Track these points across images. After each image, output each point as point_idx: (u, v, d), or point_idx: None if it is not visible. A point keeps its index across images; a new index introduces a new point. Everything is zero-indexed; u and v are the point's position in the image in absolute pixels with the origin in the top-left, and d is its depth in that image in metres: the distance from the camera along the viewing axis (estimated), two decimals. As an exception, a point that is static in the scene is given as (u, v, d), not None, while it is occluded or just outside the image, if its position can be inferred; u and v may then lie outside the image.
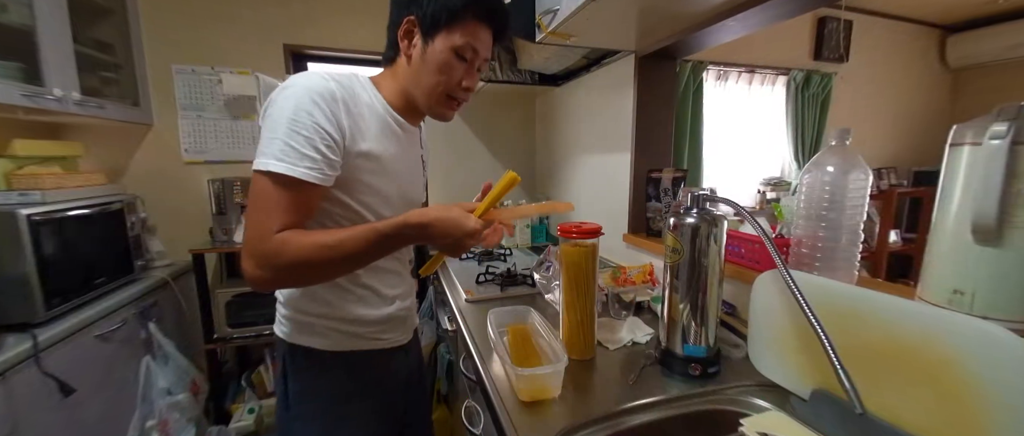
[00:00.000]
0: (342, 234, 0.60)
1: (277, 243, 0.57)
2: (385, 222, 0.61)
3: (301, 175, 0.58)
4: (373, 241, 0.60)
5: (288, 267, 0.57)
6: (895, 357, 0.55)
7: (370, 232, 0.60)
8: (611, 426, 0.66)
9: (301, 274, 0.60)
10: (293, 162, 0.58)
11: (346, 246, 0.59)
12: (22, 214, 1.10)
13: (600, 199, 1.66)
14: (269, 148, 0.58)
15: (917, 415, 0.53)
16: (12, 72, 1.20)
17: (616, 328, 0.95)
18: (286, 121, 0.58)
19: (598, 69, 1.61)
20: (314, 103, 0.59)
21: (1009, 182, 0.49)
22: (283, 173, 0.57)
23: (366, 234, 0.60)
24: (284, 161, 0.57)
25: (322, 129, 0.59)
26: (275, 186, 0.58)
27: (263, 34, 1.85)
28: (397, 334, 0.83)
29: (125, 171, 1.78)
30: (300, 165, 0.58)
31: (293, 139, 0.58)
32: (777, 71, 2.67)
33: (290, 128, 0.58)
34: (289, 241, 0.57)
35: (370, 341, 0.78)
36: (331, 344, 0.74)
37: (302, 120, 0.58)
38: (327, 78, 0.63)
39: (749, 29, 1.02)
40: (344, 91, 0.64)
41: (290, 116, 0.58)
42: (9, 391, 0.97)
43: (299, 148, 0.58)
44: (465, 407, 0.90)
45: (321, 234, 0.60)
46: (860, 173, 0.69)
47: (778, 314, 0.70)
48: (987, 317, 0.51)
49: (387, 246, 0.62)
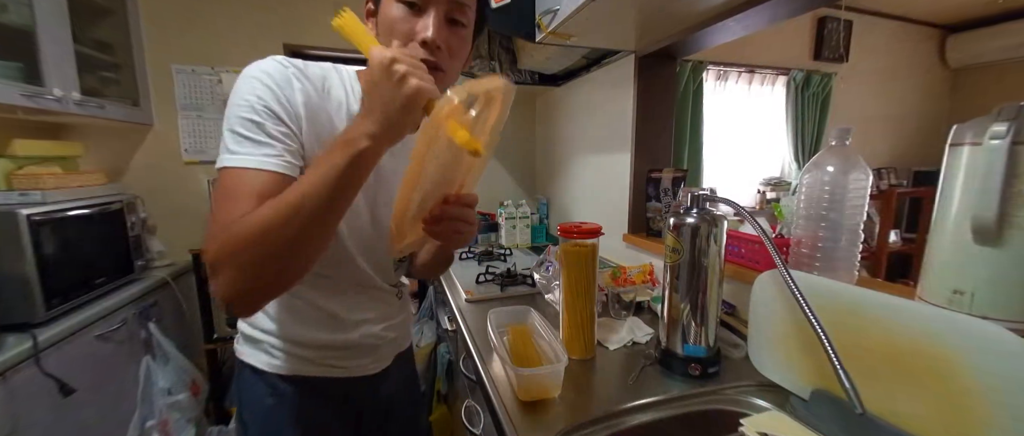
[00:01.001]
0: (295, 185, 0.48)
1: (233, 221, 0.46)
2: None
3: (258, 163, 0.50)
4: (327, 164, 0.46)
5: (245, 240, 0.45)
6: (895, 357, 0.55)
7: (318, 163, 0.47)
8: (611, 426, 0.66)
9: (262, 247, 0.45)
10: (248, 151, 0.50)
11: (303, 186, 0.46)
12: (22, 214, 1.10)
13: (600, 199, 1.66)
14: (223, 144, 0.52)
15: (917, 415, 0.53)
16: (12, 72, 1.20)
17: (616, 328, 0.95)
18: (234, 109, 0.51)
19: (598, 69, 1.61)
20: (264, 85, 0.52)
21: (1009, 182, 0.49)
22: (237, 167, 0.49)
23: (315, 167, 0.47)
24: (238, 153, 0.50)
25: (272, 112, 0.52)
26: (234, 181, 0.49)
27: (263, 34, 1.85)
28: (364, 361, 0.72)
29: (125, 171, 1.78)
30: (256, 153, 0.50)
31: (243, 127, 0.51)
32: (777, 71, 2.68)
33: (239, 115, 0.51)
34: (245, 216, 0.46)
35: (324, 368, 0.68)
36: (277, 365, 0.66)
37: (252, 103, 0.51)
38: (286, 63, 0.55)
39: (749, 29, 1.02)
40: (308, 83, 0.56)
41: (237, 102, 0.52)
42: (9, 391, 0.97)
43: (251, 136, 0.50)
44: (465, 407, 0.90)
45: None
46: (860, 173, 0.69)
47: (778, 314, 0.70)
48: (987, 317, 0.51)
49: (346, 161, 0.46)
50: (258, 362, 0.66)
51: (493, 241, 1.98)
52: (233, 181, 0.50)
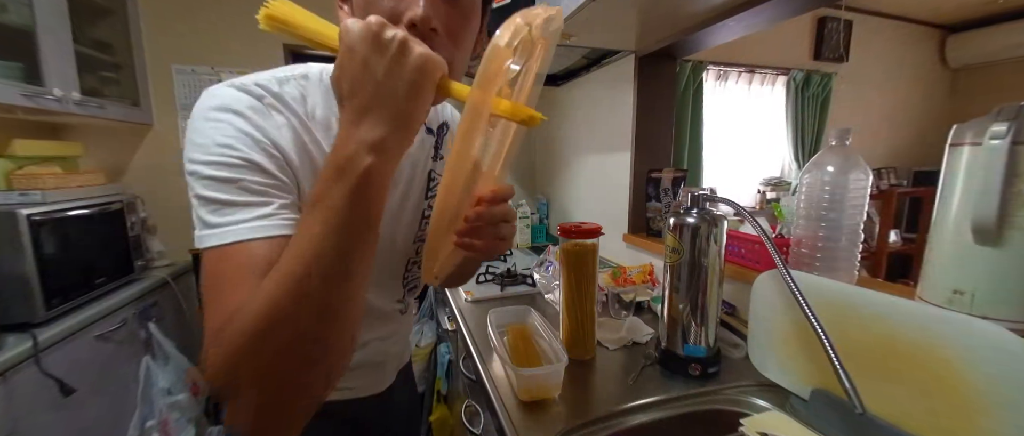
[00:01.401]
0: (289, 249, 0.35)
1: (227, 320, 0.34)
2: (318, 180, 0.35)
3: (250, 233, 0.37)
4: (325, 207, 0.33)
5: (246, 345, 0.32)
6: (895, 357, 0.55)
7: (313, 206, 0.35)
8: (611, 426, 0.66)
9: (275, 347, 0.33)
10: (231, 220, 0.38)
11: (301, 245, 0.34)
12: (22, 214, 1.10)
13: (600, 199, 1.66)
14: (195, 216, 0.40)
15: (917, 415, 0.53)
16: (12, 72, 1.20)
17: (616, 328, 0.95)
18: (198, 167, 0.39)
19: (598, 69, 1.61)
20: (233, 128, 0.40)
21: (1009, 182, 0.49)
22: (221, 245, 0.37)
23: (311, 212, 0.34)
24: (218, 226, 0.38)
25: (250, 163, 0.39)
26: (220, 263, 0.37)
27: (263, 34, 1.84)
28: (370, 380, 0.66)
29: (125, 171, 1.78)
30: (243, 219, 0.38)
31: (216, 190, 0.38)
32: (777, 71, 2.68)
33: (206, 176, 0.38)
34: (241, 306, 0.33)
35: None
36: None
37: (220, 157, 0.39)
38: (257, 91, 0.43)
39: (749, 29, 1.02)
40: (289, 112, 0.44)
41: (199, 158, 0.39)
42: (9, 391, 0.97)
43: (230, 198, 0.38)
44: (465, 407, 0.90)
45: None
46: (860, 173, 0.69)
47: (778, 314, 0.70)
48: (987, 317, 0.51)
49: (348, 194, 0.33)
50: None
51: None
52: (220, 264, 0.37)
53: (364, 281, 0.37)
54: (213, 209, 0.38)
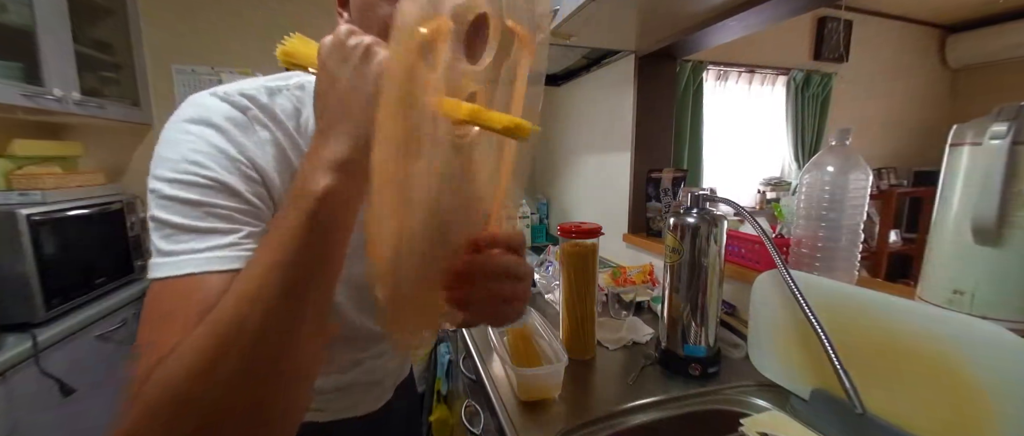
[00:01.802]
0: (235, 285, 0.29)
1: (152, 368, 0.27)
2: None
3: (203, 265, 0.32)
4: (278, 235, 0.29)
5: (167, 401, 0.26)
6: (895, 357, 0.55)
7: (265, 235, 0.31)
8: (611, 426, 0.66)
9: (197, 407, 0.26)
10: (186, 248, 0.33)
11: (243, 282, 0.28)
12: (22, 214, 1.10)
13: (600, 199, 1.66)
14: (152, 238, 0.34)
15: (917, 415, 0.53)
16: (12, 72, 1.20)
17: (616, 328, 0.95)
18: (159, 185, 0.35)
19: (598, 69, 1.61)
20: (207, 143, 0.35)
21: (1009, 182, 0.49)
22: (169, 276, 0.32)
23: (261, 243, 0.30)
24: (171, 255, 0.33)
25: (221, 184, 0.34)
26: (164, 298, 0.32)
27: (263, 34, 1.85)
28: (366, 398, 0.61)
29: (125, 171, 1.78)
30: (200, 248, 0.33)
31: (175, 213, 0.33)
32: (777, 71, 2.68)
33: (165, 194, 0.34)
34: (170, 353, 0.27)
35: (319, 413, 0.56)
36: None
37: (185, 175, 0.34)
38: (243, 103, 0.38)
39: (749, 29, 1.02)
40: (276, 127, 0.39)
41: (163, 175, 0.35)
42: (9, 391, 0.97)
43: (190, 223, 0.33)
44: (465, 407, 0.90)
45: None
46: (860, 173, 0.69)
47: (778, 314, 0.70)
48: (987, 317, 0.51)
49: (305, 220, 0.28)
50: None
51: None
52: (162, 297, 0.32)
53: (319, 326, 0.30)
54: (168, 234, 0.33)
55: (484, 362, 0.84)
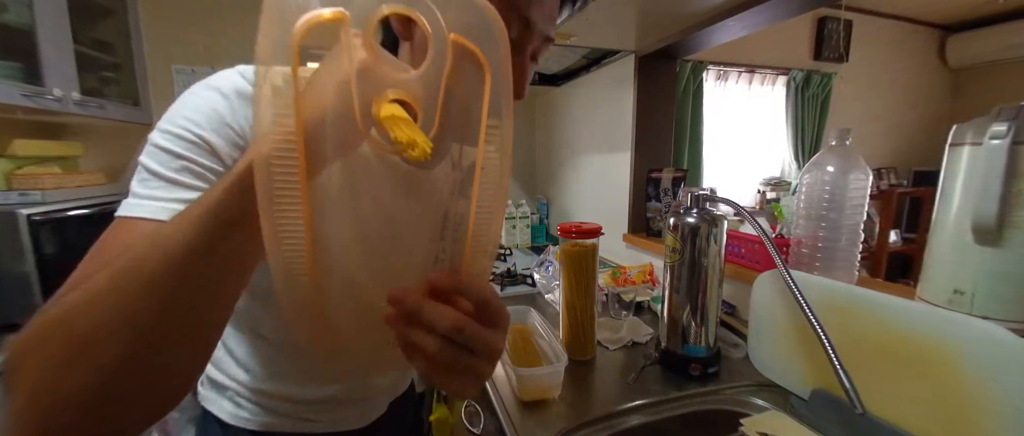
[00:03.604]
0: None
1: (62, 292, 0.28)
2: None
3: (159, 212, 0.33)
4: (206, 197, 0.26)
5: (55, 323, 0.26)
6: (895, 357, 0.55)
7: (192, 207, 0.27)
8: (611, 426, 0.66)
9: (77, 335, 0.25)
10: (152, 194, 0.34)
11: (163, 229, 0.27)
12: (22, 214, 1.10)
13: (600, 199, 1.66)
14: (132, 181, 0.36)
15: (917, 415, 0.53)
16: (12, 72, 1.20)
17: (616, 328, 0.95)
18: (154, 134, 0.37)
19: (598, 69, 1.61)
20: (206, 105, 0.37)
21: (1009, 182, 0.49)
22: (130, 216, 0.33)
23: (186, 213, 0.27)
24: (138, 196, 0.34)
25: (204, 142, 0.36)
26: (113, 235, 0.33)
27: (263, 34, 1.85)
28: (351, 413, 0.59)
29: (125, 171, 1.78)
30: (164, 197, 0.34)
31: (156, 160, 0.36)
32: (777, 71, 2.68)
33: (155, 143, 0.36)
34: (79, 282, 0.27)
35: (301, 422, 0.55)
36: (245, 419, 0.53)
37: (177, 129, 0.36)
38: (245, 74, 0.40)
39: (749, 29, 1.02)
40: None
41: (160, 126, 0.37)
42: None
43: (164, 172, 0.35)
44: (465, 407, 0.90)
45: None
46: (860, 173, 0.69)
47: (778, 314, 0.70)
48: (987, 317, 0.51)
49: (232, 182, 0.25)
50: (221, 412, 0.54)
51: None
52: (106, 236, 0.32)
53: (223, 298, 0.29)
54: (143, 178, 0.35)
55: (484, 362, 0.83)
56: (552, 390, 0.70)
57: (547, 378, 0.69)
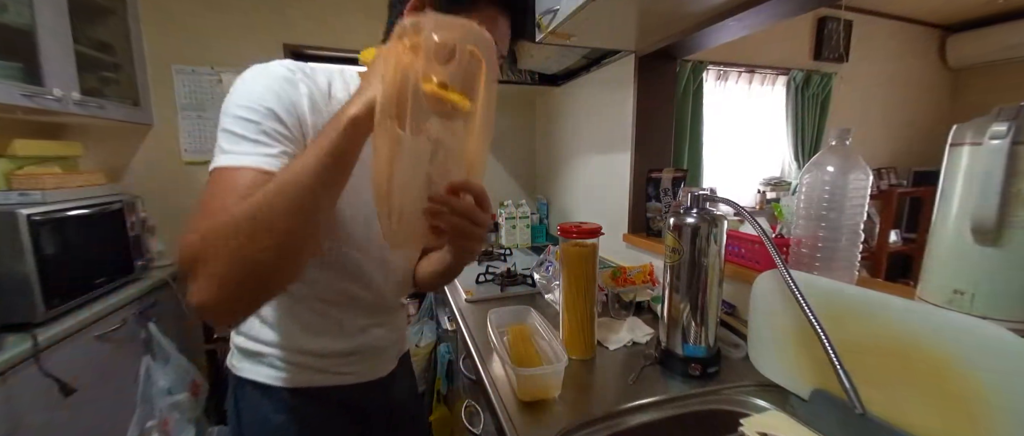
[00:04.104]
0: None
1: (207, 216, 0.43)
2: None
3: (254, 162, 0.47)
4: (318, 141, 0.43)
5: (228, 230, 0.40)
6: (895, 357, 0.55)
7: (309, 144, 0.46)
8: (611, 426, 0.66)
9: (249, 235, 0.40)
10: (242, 150, 0.47)
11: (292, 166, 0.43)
12: (22, 214, 1.10)
13: (600, 199, 1.66)
14: (217, 146, 0.49)
15: (917, 415, 0.53)
16: (12, 72, 1.20)
17: (616, 328, 0.95)
18: (230, 108, 0.49)
19: (598, 69, 1.61)
20: (264, 86, 0.51)
21: (1009, 182, 0.49)
22: (229, 166, 0.46)
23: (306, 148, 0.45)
24: (231, 152, 0.47)
25: (271, 111, 0.50)
26: (223, 180, 0.46)
27: (263, 34, 1.85)
28: (366, 367, 0.71)
29: (125, 171, 1.78)
30: (252, 152, 0.47)
31: (238, 126, 0.48)
32: (777, 71, 2.68)
33: (234, 114, 0.49)
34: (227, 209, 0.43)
35: (333, 375, 0.67)
36: (283, 379, 0.63)
37: (248, 102, 0.49)
38: (292, 67, 0.54)
39: (749, 29, 1.02)
40: (313, 85, 0.55)
41: (234, 101, 0.49)
42: (9, 391, 0.97)
43: (247, 134, 0.48)
44: (465, 407, 0.90)
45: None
46: (860, 173, 0.69)
47: (778, 314, 0.70)
48: (987, 317, 0.51)
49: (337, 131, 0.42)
50: (261, 377, 0.63)
51: (493, 241, 1.98)
52: (223, 180, 0.46)
53: (328, 205, 0.47)
54: (231, 140, 0.48)
55: (484, 362, 0.84)
56: (552, 390, 0.70)
57: (547, 378, 0.69)
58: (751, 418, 0.63)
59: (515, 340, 0.85)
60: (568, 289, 0.83)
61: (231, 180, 0.45)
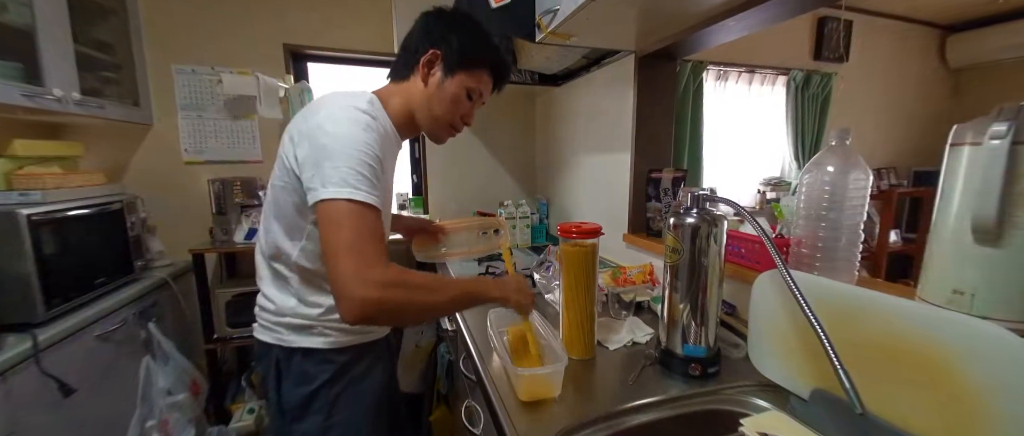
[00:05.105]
0: (439, 277, 0.72)
1: (397, 270, 0.61)
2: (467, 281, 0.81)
3: (377, 203, 0.63)
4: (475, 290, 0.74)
5: (406, 306, 0.62)
6: (895, 357, 0.55)
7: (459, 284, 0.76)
8: (611, 426, 0.66)
9: (413, 313, 0.69)
10: (370, 191, 0.62)
11: (444, 287, 0.69)
12: (22, 214, 1.10)
13: (600, 199, 1.66)
14: (346, 176, 0.61)
15: (917, 415, 0.53)
16: (12, 72, 1.20)
17: (616, 328, 0.95)
18: (351, 149, 0.63)
19: (598, 69, 1.61)
20: (376, 136, 0.67)
21: (1009, 182, 0.49)
22: (367, 202, 0.61)
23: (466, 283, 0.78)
24: (362, 189, 0.61)
25: (377, 158, 0.65)
26: (365, 214, 0.61)
27: (263, 34, 1.85)
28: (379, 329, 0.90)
29: (125, 171, 1.78)
30: (375, 193, 0.63)
31: (365, 169, 0.63)
32: (777, 71, 2.67)
33: (358, 157, 0.63)
34: (405, 270, 0.63)
35: (362, 335, 0.83)
36: (330, 342, 0.78)
37: (369, 151, 0.64)
38: (374, 113, 0.70)
39: (749, 29, 1.02)
40: (378, 125, 0.70)
41: (355, 145, 0.63)
42: (9, 391, 0.97)
43: (371, 177, 0.63)
44: (465, 407, 0.90)
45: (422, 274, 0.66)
46: (860, 173, 0.69)
47: (778, 314, 0.70)
48: (987, 317, 0.51)
49: (482, 299, 0.75)
50: (308, 343, 0.77)
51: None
52: (366, 219, 0.61)
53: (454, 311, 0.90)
54: (359, 179, 0.62)
55: (484, 362, 0.84)
56: (552, 390, 0.70)
57: (547, 378, 0.69)
58: (751, 418, 0.63)
59: (515, 340, 0.85)
60: (568, 289, 0.83)
61: (373, 221, 0.62)
